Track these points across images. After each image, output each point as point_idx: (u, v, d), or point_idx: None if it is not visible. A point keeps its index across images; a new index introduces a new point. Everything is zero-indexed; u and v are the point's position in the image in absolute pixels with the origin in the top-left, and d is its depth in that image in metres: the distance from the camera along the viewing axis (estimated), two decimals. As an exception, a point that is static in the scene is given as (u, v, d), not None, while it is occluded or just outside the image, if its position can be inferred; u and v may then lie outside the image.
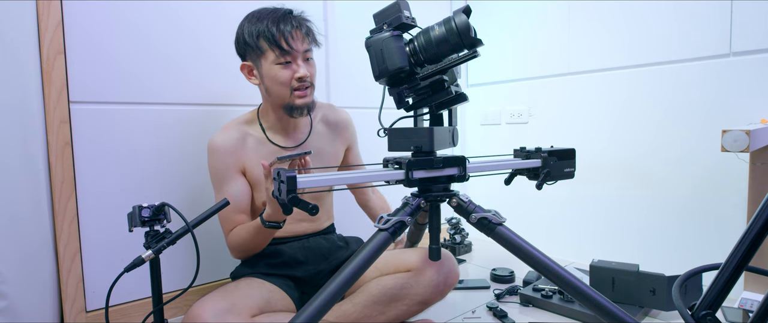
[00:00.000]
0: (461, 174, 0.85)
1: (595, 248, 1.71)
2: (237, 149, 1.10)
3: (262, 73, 1.07)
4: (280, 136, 1.16)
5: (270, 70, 1.05)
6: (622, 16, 1.58)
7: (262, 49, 1.04)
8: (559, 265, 0.81)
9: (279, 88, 1.06)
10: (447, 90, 0.82)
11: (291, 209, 0.69)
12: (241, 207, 1.11)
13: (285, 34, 1.02)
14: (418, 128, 0.84)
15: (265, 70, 1.06)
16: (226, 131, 1.12)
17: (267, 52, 1.04)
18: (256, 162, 1.12)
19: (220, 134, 1.12)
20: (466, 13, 0.76)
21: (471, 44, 0.75)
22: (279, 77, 1.05)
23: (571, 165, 0.97)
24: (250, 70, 1.10)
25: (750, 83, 1.32)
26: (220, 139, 1.10)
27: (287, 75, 1.05)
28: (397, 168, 0.81)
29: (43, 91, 1.09)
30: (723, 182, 1.38)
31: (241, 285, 1.05)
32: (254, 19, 1.05)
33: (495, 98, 2.04)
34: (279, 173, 0.70)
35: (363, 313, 1.08)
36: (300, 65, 1.05)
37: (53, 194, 1.11)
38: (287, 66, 1.05)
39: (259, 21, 1.04)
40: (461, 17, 0.75)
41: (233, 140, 1.11)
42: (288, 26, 1.03)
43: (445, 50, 0.77)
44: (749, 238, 0.58)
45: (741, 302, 1.14)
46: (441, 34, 0.76)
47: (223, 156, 1.09)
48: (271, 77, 1.06)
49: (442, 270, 1.14)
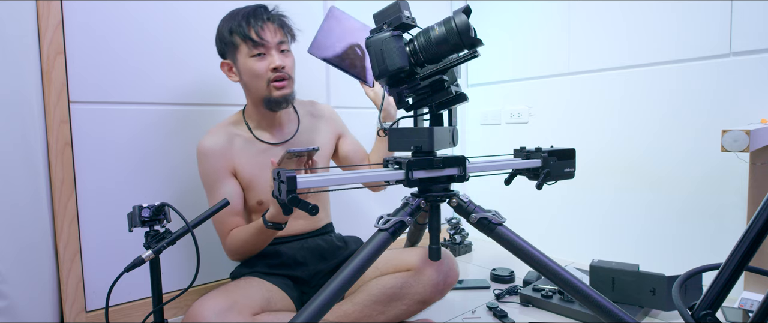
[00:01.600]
0: (461, 174, 0.85)
1: (595, 248, 1.71)
2: (225, 152, 1.11)
3: (239, 68, 1.09)
4: (266, 133, 1.17)
5: (245, 64, 1.07)
6: (622, 16, 1.58)
7: (235, 44, 1.06)
8: (559, 265, 0.81)
9: (255, 81, 1.07)
10: (447, 90, 0.82)
11: (291, 210, 0.69)
12: (235, 209, 1.11)
13: (255, 27, 1.04)
14: (419, 128, 0.84)
15: (241, 65, 1.08)
16: (212, 134, 1.13)
17: (240, 46, 1.06)
18: (247, 163, 1.12)
19: (207, 138, 1.12)
20: (466, 13, 0.76)
21: (471, 44, 0.75)
22: (254, 69, 1.06)
23: (571, 165, 0.97)
24: (229, 68, 1.12)
25: (750, 83, 1.32)
26: (208, 143, 1.11)
27: (262, 67, 1.06)
28: (397, 168, 0.81)
29: (43, 91, 1.09)
30: (723, 182, 1.38)
31: (242, 284, 1.05)
32: (229, 17, 1.08)
33: (495, 98, 2.04)
34: (279, 173, 0.69)
35: (363, 313, 1.08)
36: (274, 56, 1.07)
37: (53, 194, 1.11)
38: (262, 58, 1.06)
39: (233, 18, 1.07)
40: (461, 17, 0.75)
41: (221, 142, 1.11)
42: (259, 20, 1.05)
43: (445, 50, 0.77)
44: (749, 238, 0.58)
45: (741, 302, 1.14)
46: (441, 34, 0.76)
47: (213, 160, 1.10)
48: (247, 70, 1.07)
49: (442, 269, 1.14)
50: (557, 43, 1.78)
